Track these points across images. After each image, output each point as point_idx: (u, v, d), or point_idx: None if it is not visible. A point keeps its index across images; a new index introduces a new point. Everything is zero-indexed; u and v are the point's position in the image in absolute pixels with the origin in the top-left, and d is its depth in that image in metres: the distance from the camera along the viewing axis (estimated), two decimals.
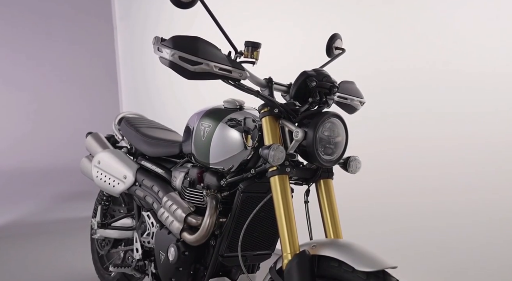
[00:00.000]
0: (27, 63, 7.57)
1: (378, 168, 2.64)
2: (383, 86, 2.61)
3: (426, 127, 2.44)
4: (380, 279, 1.07)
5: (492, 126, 2.20)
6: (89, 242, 2.96)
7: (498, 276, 2.20)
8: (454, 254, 2.36)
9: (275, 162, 1.23)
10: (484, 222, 2.24)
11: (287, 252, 1.22)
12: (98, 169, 2.11)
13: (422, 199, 2.48)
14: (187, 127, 1.71)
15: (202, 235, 1.48)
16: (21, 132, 7.46)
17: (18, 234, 3.72)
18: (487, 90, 2.20)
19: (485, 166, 2.23)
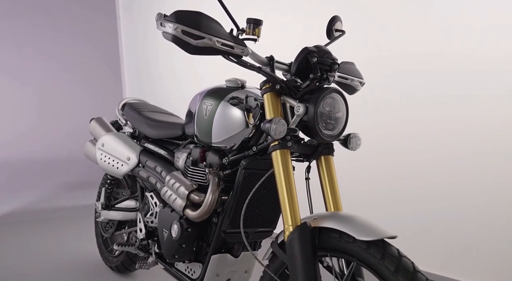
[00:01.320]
0: (30, 56, 7.55)
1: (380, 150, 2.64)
2: (384, 70, 2.60)
3: (426, 110, 2.43)
4: (380, 248, 1.06)
5: (491, 109, 2.19)
6: (92, 228, 2.96)
7: (501, 256, 2.21)
8: (454, 233, 2.36)
9: (276, 136, 1.22)
10: (487, 203, 2.24)
11: (288, 224, 1.21)
12: (102, 151, 2.10)
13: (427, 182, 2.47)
14: (188, 110, 1.70)
15: (205, 211, 1.48)
16: (26, 124, 7.46)
17: (25, 220, 3.72)
18: (487, 73, 2.19)
19: (485, 148, 2.23)
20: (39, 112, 7.58)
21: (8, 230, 3.45)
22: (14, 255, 2.88)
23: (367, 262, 1.07)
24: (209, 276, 1.57)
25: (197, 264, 1.65)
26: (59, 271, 2.57)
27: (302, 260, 1.14)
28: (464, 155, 2.29)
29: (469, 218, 2.28)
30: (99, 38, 7.78)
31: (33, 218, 3.83)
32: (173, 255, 1.62)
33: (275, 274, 1.32)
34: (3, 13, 7.21)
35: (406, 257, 1.05)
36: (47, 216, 3.92)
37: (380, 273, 1.04)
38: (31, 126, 7.48)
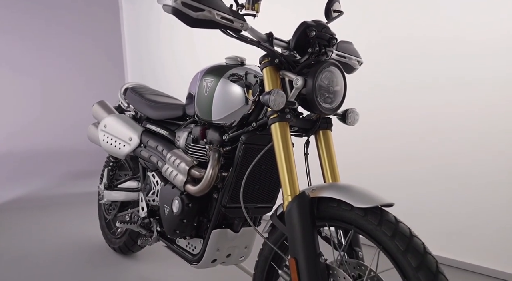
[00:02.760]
0: (34, 49, 7.54)
1: (377, 134, 2.63)
2: (386, 54, 2.59)
3: (425, 94, 2.42)
4: (377, 215, 1.06)
5: (489, 94, 2.18)
6: (95, 213, 2.96)
7: (498, 237, 2.20)
8: (452, 215, 2.36)
9: (275, 107, 1.21)
10: (484, 186, 2.24)
11: (287, 194, 1.20)
12: (105, 132, 2.09)
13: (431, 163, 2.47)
14: (189, 93, 1.69)
15: (205, 185, 1.47)
16: (31, 116, 7.47)
17: (30, 206, 3.72)
18: (486, 57, 2.18)
19: (481, 132, 2.22)
20: (43, 104, 7.59)
21: (14, 215, 3.46)
22: (19, 237, 2.88)
23: (365, 229, 1.06)
24: (209, 251, 1.57)
25: (198, 239, 1.65)
26: (63, 253, 2.58)
27: (301, 229, 1.13)
28: (460, 139, 2.28)
29: (467, 201, 2.28)
30: (101, 31, 7.77)
31: (38, 204, 3.83)
32: (174, 231, 1.62)
33: (274, 245, 1.31)
34: (8, 9, 7.20)
35: (402, 223, 1.04)
36: (51, 202, 3.92)
37: (378, 239, 1.03)
38: (35, 118, 7.49)
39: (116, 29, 6.74)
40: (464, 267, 2.30)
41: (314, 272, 1.09)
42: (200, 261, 1.59)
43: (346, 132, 2.26)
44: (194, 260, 1.63)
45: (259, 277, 1.38)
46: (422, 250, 0.98)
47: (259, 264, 1.38)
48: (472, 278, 2.21)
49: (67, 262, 2.42)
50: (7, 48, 7.42)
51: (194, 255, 1.64)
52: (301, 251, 1.11)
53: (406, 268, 0.96)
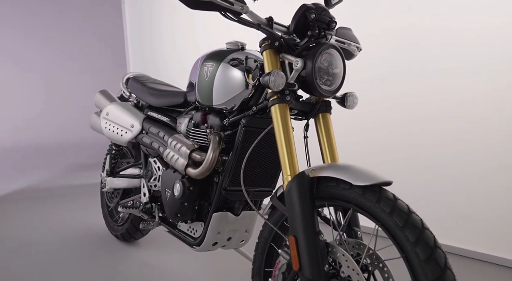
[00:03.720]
0: (38, 44, 7.54)
1: (377, 122, 2.63)
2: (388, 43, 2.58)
3: (427, 81, 2.42)
4: (376, 193, 1.05)
5: (488, 82, 2.18)
6: (98, 203, 2.96)
7: (496, 223, 2.20)
8: (451, 202, 2.35)
9: (276, 88, 1.20)
10: (482, 172, 2.23)
11: (287, 174, 1.20)
12: (107, 120, 2.09)
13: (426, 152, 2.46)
14: (189, 82, 1.69)
15: (206, 167, 1.47)
16: (35, 111, 7.47)
17: (34, 197, 3.73)
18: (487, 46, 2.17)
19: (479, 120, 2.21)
20: (46, 99, 7.59)
21: (18, 205, 3.46)
22: (23, 226, 2.88)
23: (363, 207, 1.06)
24: (210, 234, 1.57)
25: (199, 223, 1.65)
26: (66, 240, 2.58)
27: (301, 208, 1.13)
28: (458, 127, 2.28)
29: (466, 188, 2.28)
30: (104, 26, 7.75)
31: (41, 195, 3.84)
32: (175, 214, 1.62)
33: (274, 226, 1.31)
34: (12, 5, 7.20)
35: (401, 200, 1.04)
36: (55, 193, 3.92)
37: (376, 216, 1.03)
38: (39, 112, 7.50)
39: (118, 24, 6.74)
40: (464, 254, 2.30)
41: (313, 250, 1.09)
42: (201, 244, 1.59)
43: (346, 121, 2.26)
44: (195, 243, 1.62)
45: (259, 258, 1.38)
46: (420, 225, 0.98)
47: (259, 246, 1.38)
48: (471, 264, 2.21)
49: (70, 249, 2.43)
50: (11, 44, 7.41)
51: (195, 239, 1.64)
52: (300, 229, 1.11)
53: (404, 244, 0.96)
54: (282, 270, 1.21)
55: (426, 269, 0.92)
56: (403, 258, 0.97)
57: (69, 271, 2.11)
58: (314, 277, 1.08)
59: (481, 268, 2.15)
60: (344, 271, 1.07)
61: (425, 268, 0.92)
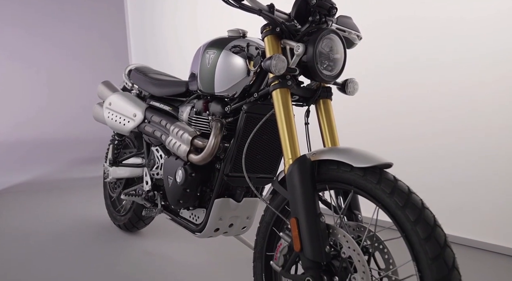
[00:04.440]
0: (41, 41, 7.54)
1: (377, 113, 2.62)
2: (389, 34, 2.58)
3: (426, 73, 2.42)
4: (376, 174, 1.05)
5: (486, 73, 2.17)
6: (100, 195, 2.97)
7: (497, 214, 2.20)
8: (452, 192, 2.35)
9: (277, 72, 1.20)
10: (481, 163, 2.23)
11: (288, 158, 1.20)
12: (109, 110, 2.09)
13: (428, 143, 2.46)
14: (191, 73, 1.69)
15: (208, 153, 1.47)
16: (37, 107, 7.49)
17: (38, 189, 3.73)
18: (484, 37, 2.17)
19: (477, 109, 2.21)
20: (49, 95, 7.61)
21: (22, 197, 3.46)
22: (28, 217, 2.89)
23: (364, 188, 1.06)
24: (212, 220, 1.57)
25: (201, 210, 1.65)
26: (69, 230, 2.59)
27: (302, 190, 1.13)
28: (456, 117, 2.28)
29: (466, 177, 2.28)
30: (106, 22, 7.76)
31: (45, 187, 3.84)
32: (178, 201, 1.62)
33: (276, 210, 1.31)
34: (15, 3, 7.22)
35: (401, 181, 1.04)
36: (58, 186, 3.93)
37: (377, 197, 1.03)
38: (41, 108, 7.52)
39: (120, 20, 6.73)
40: (464, 243, 2.30)
41: (314, 231, 1.09)
42: (203, 230, 1.59)
43: (346, 111, 2.26)
44: (197, 229, 1.63)
45: (260, 242, 1.38)
46: (420, 205, 0.98)
47: (261, 230, 1.38)
48: (471, 253, 2.21)
49: (73, 238, 2.43)
50: (14, 41, 7.42)
51: (197, 225, 1.64)
52: (301, 210, 1.11)
53: (404, 223, 0.96)
54: (284, 253, 1.21)
55: (426, 247, 0.92)
56: (403, 238, 0.97)
57: (71, 259, 2.12)
58: (315, 257, 1.08)
59: (480, 256, 2.16)
60: (345, 251, 1.07)
61: (425, 246, 0.92)
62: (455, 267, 0.91)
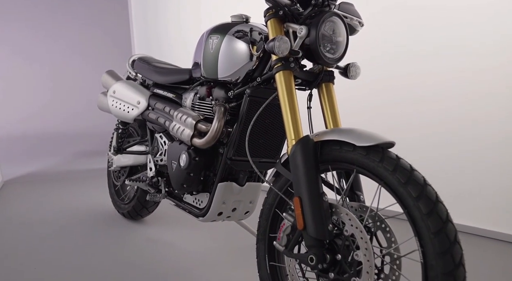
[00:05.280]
0: (45, 37, 7.54)
1: (379, 101, 2.62)
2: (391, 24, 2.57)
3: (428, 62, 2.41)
4: (379, 153, 1.05)
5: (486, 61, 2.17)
6: (104, 186, 2.97)
7: (499, 200, 2.20)
8: (458, 178, 2.35)
9: (280, 53, 1.20)
10: (488, 149, 2.23)
11: (291, 138, 1.20)
12: (114, 98, 2.09)
13: (430, 130, 2.45)
14: (194, 62, 1.69)
15: (211, 137, 1.47)
16: (42, 102, 7.50)
17: (43, 180, 3.73)
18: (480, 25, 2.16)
19: (479, 97, 2.20)
20: (53, 90, 7.62)
21: (28, 187, 3.47)
22: (34, 206, 2.89)
23: (366, 167, 1.06)
24: (215, 203, 1.57)
25: (204, 194, 1.65)
26: (74, 219, 2.59)
27: (305, 169, 1.13)
28: (460, 104, 2.27)
29: (466, 165, 2.28)
30: (109, 18, 7.75)
31: (50, 178, 3.85)
32: (181, 185, 1.62)
33: (279, 192, 1.31)
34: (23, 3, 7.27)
35: (403, 159, 1.04)
36: (62, 177, 3.94)
37: (379, 175, 1.02)
38: (46, 103, 7.53)
39: (124, 16, 6.72)
40: (465, 230, 2.30)
41: (317, 209, 1.09)
42: (207, 214, 1.60)
43: (349, 98, 2.25)
44: (201, 214, 1.63)
45: (263, 224, 1.38)
46: (422, 181, 0.97)
47: (264, 212, 1.38)
48: (472, 240, 2.21)
49: (77, 226, 2.44)
50: (18, 37, 7.42)
51: (200, 209, 1.64)
52: (305, 189, 1.11)
53: (406, 199, 0.96)
54: (287, 232, 1.21)
55: (428, 222, 0.91)
56: (405, 214, 0.97)
57: (76, 246, 2.12)
58: (318, 235, 1.08)
59: (481, 243, 2.16)
60: (347, 229, 1.07)
61: (427, 222, 0.92)
62: (457, 241, 0.91)
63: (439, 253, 0.89)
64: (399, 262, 1.06)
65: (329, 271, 1.10)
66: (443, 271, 0.89)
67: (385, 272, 1.08)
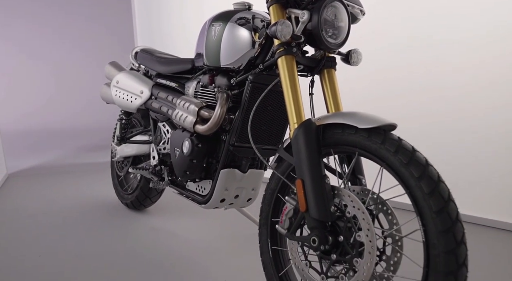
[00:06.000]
0: (48, 34, 7.54)
1: (381, 91, 2.61)
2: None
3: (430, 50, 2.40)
4: (381, 135, 1.04)
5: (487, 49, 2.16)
6: (108, 179, 2.97)
7: (501, 189, 2.20)
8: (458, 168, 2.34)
9: (283, 37, 1.19)
10: (489, 139, 2.22)
11: (293, 122, 1.19)
12: (117, 88, 2.09)
13: (431, 120, 2.45)
14: (196, 53, 1.69)
15: (214, 122, 1.46)
16: (44, 98, 7.51)
17: (47, 173, 3.73)
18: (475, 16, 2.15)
19: (483, 85, 2.20)
20: (56, 86, 7.63)
21: (32, 179, 3.47)
22: (38, 197, 2.90)
23: (368, 149, 1.05)
24: (218, 190, 1.57)
25: (207, 181, 1.65)
26: (78, 209, 2.59)
27: (307, 152, 1.12)
28: (462, 93, 2.27)
29: (467, 154, 2.27)
30: (113, 15, 7.74)
31: (54, 171, 3.85)
32: (184, 172, 1.62)
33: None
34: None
35: (405, 141, 1.03)
36: (66, 170, 3.94)
37: (381, 157, 1.02)
38: (48, 99, 7.53)
39: (127, 12, 6.72)
40: (467, 220, 2.29)
41: (319, 190, 1.09)
42: (209, 201, 1.59)
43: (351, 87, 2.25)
44: (204, 201, 1.63)
45: (266, 209, 1.37)
46: (424, 162, 0.97)
47: (266, 197, 1.37)
48: (474, 229, 2.21)
49: (82, 217, 2.44)
50: (22, 33, 7.43)
51: (203, 196, 1.64)
52: (307, 172, 1.11)
53: (408, 179, 0.96)
54: (289, 216, 1.21)
55: (430, 202, 0.91)
56: (407, 194, 0.97)
57: (80, 235, 2.12)
58: (320, 217, 1.08)
59: (483, 233, 2.15)
60: (349, 211, 1.07)
61: (429, 201, 0.91)
62: (459, 220, 0.91)
63: (441, 232, 0.89)
64: (401, 243, 1.06)
65: (331, 252, 1.10)
66: (444, 250, 0.88)
67: (387, 254, 1.08)
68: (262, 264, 1.37)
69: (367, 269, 1.02)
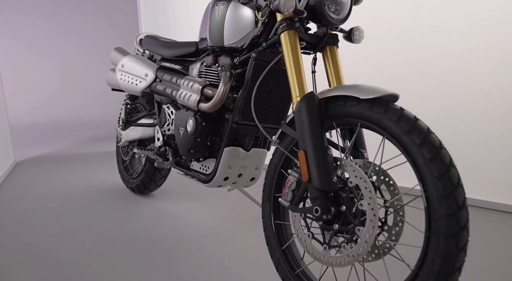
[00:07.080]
0: (54, 28, 7.55)
1: (383, 79, 2.60)
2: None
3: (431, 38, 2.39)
4: (383, 105, 1.03)
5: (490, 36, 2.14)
6: (112, 166, 2.96)
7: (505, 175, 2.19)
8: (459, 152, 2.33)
9: (286, 11, 1.18)
10: (490, 124, 2.21)
11: (296, 95, 1.19)
12: (122, 72, 2.08)
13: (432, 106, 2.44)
14: (200, 38, 1.68)
15: (218, 100, 1.46)
16: (50, 91, 7.54)
17: (54, 161, 3.74)
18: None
19: (483, 71, 2.18)
20: (62, 80, 7.65)
21: (40, 167, 3.48)
22: (46, 183, 2.91)
23: (371, 119, 1.04)
24: (222, 168, 1.56)
25: (211, 160, 1.65)
26: (85, 194, 2.60)
27: (310, 124, 1.12)
28: (462, 79, 2.25)
29: (474, 138, 2.26)
30: (118, 11, 7.74)
31: (60, 159, 3.86)
32: (189, 150, 1.62)
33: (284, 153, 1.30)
34: None
35: (407, 110, 1.03)
36: (73, 158, 3.94)
37: (383, 126, 1.01)
38: (54, 92, 7.55)
39: (132, 7, 6.71)
40: (470, 203, 2.28)
41: (322, 162, 1.09)
42: (213, 179, 1.59)
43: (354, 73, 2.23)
44: (207, 179, 1.63)
45: (269, 184, 1.37)
46: (426, 129, 0.96)
47: (269, 172, 1.37)
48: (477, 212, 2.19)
49: (88, 201, 2.45)
50: (28, 29, 7.44)
51: (207, 175, 1.64)
52: (309, 143, 1.11)
53: (410, 147, 0.95)
54: (292, 188, 1.20)
55: (431, 167, 0.90)
56: (409, 162, 0.96)
57: (87, 219, 2.13)
58: (323, 186, 1.08)
59: (486, 216, 2.15)
60: (352, 181, 1.07)
61: (430, 166, 0.91)
62: (460, 185, 0.90)
63: (442, 196, 0.88)
64: (403, 213, 1.05)
65: (334, 222, 1.09)
66: (446, 213, 0.88)
67: (388, 224, 1.08)
68: (265, 238, 1.37)
69: (369, 236, 1.02)
